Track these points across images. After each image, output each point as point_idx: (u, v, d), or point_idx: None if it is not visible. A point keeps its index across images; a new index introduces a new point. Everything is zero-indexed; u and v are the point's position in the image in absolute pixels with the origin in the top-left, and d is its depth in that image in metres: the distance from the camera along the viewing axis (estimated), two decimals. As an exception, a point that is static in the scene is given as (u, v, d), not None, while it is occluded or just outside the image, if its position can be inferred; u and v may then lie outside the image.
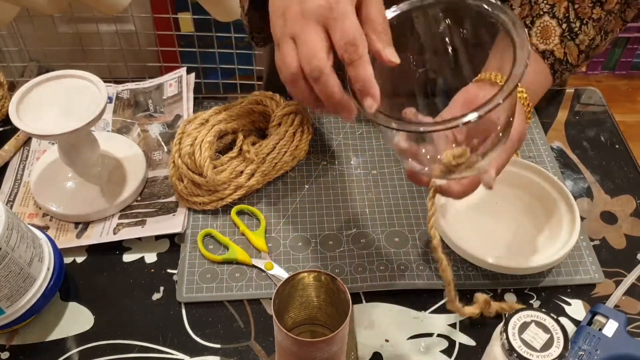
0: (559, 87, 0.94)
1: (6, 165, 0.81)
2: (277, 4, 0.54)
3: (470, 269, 0.70)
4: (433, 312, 0.67)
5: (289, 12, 0.52)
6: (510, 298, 0.68)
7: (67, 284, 0.69)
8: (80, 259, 0.72)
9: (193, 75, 0.91)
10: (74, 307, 0.67)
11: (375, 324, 0.66)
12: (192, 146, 0.73)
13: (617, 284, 0.69)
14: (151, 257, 0.72)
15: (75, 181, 0.76)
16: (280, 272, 0.69)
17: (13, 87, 1.67)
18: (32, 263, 0.62)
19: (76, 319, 0.66)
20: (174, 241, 0.73)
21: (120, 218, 0.75)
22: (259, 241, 0.72)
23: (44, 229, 0.73)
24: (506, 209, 0.74)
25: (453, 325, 0.66)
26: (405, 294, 0.68)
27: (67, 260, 0.71)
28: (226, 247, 0.72)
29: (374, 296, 0.68)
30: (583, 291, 0.69)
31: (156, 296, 0.68)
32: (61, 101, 0.70)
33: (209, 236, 0.73)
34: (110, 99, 0.89)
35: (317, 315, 0.60)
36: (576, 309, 0.68)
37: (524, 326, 0.53)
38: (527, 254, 0.69)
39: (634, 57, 2.20)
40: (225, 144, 0.79)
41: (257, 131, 0.82)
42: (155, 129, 0.85)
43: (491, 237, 0.72)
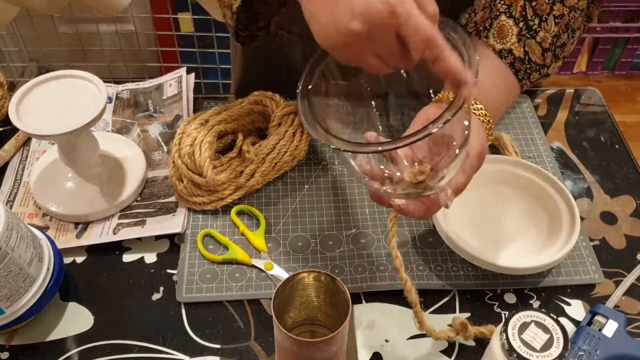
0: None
1: (6, 165, 0.81)
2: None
3: (470, 269, 0.70)
4: (433, 312, 0.67)
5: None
6: (510, 298, 0.68)
7: (67, 284, 0.69)
8: (80, 259, 0.72)
9: (193, 75, 0.91)
10: (73, 307, 0.67)
11: (375, 324, 0.66)
12: (192, 146, 0.73)
13: (617, 284, 0.69)
14: (151, 257, 0.72)
15: (75, 181, 0.76)
16: (280, 272, 0.69)
17: (13, 87, 1.67)
18: (32, 263, 0.61)
19: (76, 319, 0.66)
20: (174, 241, 0.73)
21: (120, 218, 0.75)
22: (258, 241, 0.72)
23: (43, 229, 0.73)
24: (506, 209, 0.74)
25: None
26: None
27: (67, 260, 0.71)
28: (226, 247, 0.72)
29: (374, 296, 0.68)
30: (583, 291, 0.69)
31: (156, 296, 0.68)
32: (61, 101, 0.70)
33: (208, 236, 0.73)
34: (110, 99, 0.89)
35: (317, 316, 0.60)
36: (576, 309, 0.68)
37: (523, 326, 0.53)
38: (527, 254, 0.69)
39: (634, 57, 2.20)
40: (225, 144, 0.79)
41: (257, 131, 0.82)
42: (155, 129, 0.85)
43: (491, 237, 0.71)
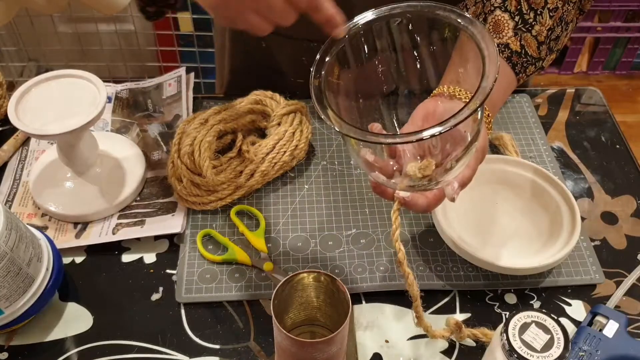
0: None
1: (5, 165, 0.81)
2: None
3: (470, 269, 0.69)
4: (433, 312, 0.67)
5: None
6: (511, 298, 0.68)
7: (66, 284, 0.69)
8: (79, 259, 0.71)
9: (192, 75, 0.91)
10: (73, 307, 0.67)
11: (375, 324, 0.66)
12: (192, 146, 0.73)
13: (618, 284, 0.69)
14: (150, 258, 0.72)
15: (74, 181, 0.76)
16: (279, 273, 0.69)
17: (12, 87, 1.67)
18: (31, 263, 0.61)
19: (75, 319, 0.66)
20: (173, 241, 0.73)
21: (119, 218, 0.74)
22: (258, 241, 0.72)
23: (42, 229, 0.72)
24: (507, 209, 0.74)
25: (453, 326, 0.66)
26: (405, 294, 0.68)
27: (66, 260, 0.71)
28: (225, 248, 0.72)
29: (374, 296, 0.68)
30: (583, 292, 0.69)
31: (155, 296, 0.68)
32: (60, 101, 0.70)
33: (208, 236, 0.73)
34: (109, 98, 0.88)
35: (317, 316, 0.60)
36: (576, 309, 0.68)
37: (524, 327, 0.52)
38: (528, 255, 0.69)
39: (635, 57, 2.20)
40: (225, 144, 0.79)
41: (256, 131, 0.82)
42: (154, 129, 0.85)
43: (492, 237, 0.71)
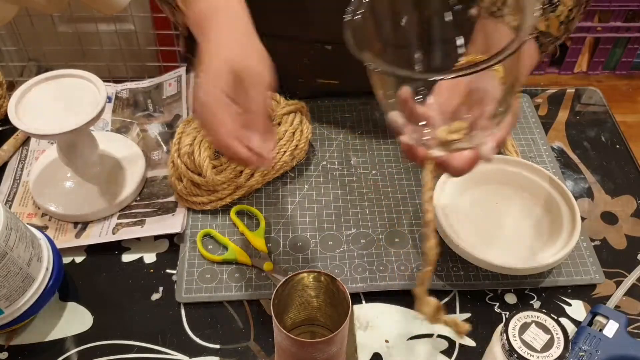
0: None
1: (5, 165, 0.81)
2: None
3: (470, 269, 0.69)
4: (433, 312, 0.67)
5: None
6: (511, 298, 0.68)
7: (66, 284, 0.69)
8: (79, 259, 0.71)
9: (192, 75, 0.91)
10: (72, 307, 0.67)
11: (375, 324, 0.66)
12: (192, 146, 0.73)
13: (618, 284, 0.69)
14: (150, 257, 0.72)
15: (74, 181, 0.76)
16: (279, 273, 0.69)
17: (12, 87, 1.67)
18: (31, 263, 0.61)
19: (75, 319, 0.66)
20: (173, 241, 0.73)
21: (119, 218, 0.74)
22: (258, 241, 0.72)
23: (42, 228, 0.72)
24: (506, 209, 0.74)
25: (453, 326, 0.66)
26: (405, 294, 0.68)
27: (66, 260, 0.71)
28: (225, 247, 0.72)
29: (374, 296, 0.68)
30: (583, 292, 0.69)
31: (155, 296, 0.68)
32: (60, 101, 0.70)
33: (208, 236, 0.73)
34: (109, 98, 0.89)
35: (317, 316, 0.60)
36: (576, 309, 0.68)
37: (524, 327, 0.52)
38: (528, 254, 0.69)
39: (635, 57, 2.20)
40: (225, 144, 0.79)
41: (256, 131, 0.82)
42: (154, 129, 0.85)
43: (491, 237, 0.71)
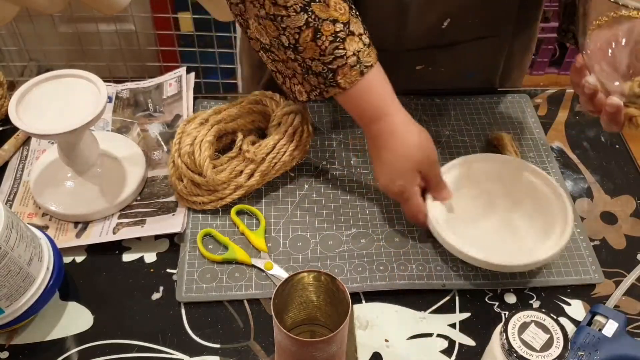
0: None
1: (6, 164, 0.81)
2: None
3: (470, 269, 0.70)
4: (433, 312, 0.67)
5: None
6: (510, 298, 0.68)
7: (67, 283, 0.69)
8: (79, 259, 0.71)
9: (193, 74, 0.91)
10: (73, 306, 0.67)
11: (375, 324, 0.66)
12: (192, 146, 0.73)
13: (617, 284, 0.69)
14: (151, 257, 0.72)
15: (74, 181, 0.76)
16: (280, 272, 0.69)
17: (13, 87, 1.67)
18: (32, 262, 0.61)
19: (75, 318, 0.66)
20: (174, 241, 0.73)
21: (119, 218, 0.74)
22: (258, 241, 0.72)
23: (43, 228, 0.73)
24: (504, 209, 0.74)
25: (453, 326, 0.66)
26: (405, 294, 0.68)
27: (67, 259, 0.71)
28: (226, 247, 0.72)
29: (374, 296, 0.68)
30: (583, 291, 0.69)
31: (156, 296, 0.68)
32: (61, 101, 0.70)
33: (208, 236, 0.73)
34: (109, 98, 0.89)
35: (317, 315, 0.60)
36: (576, 309, 0.68)
37: (523, 326, 0.53)
38: (523, 252, 0.69)
39: (634, 57, 2.20)
40: (225, 144, 0.79)
41: (256, 131, 0.82)
42: (154, 129, 0.85)
43: (491, 237, 0.71)
